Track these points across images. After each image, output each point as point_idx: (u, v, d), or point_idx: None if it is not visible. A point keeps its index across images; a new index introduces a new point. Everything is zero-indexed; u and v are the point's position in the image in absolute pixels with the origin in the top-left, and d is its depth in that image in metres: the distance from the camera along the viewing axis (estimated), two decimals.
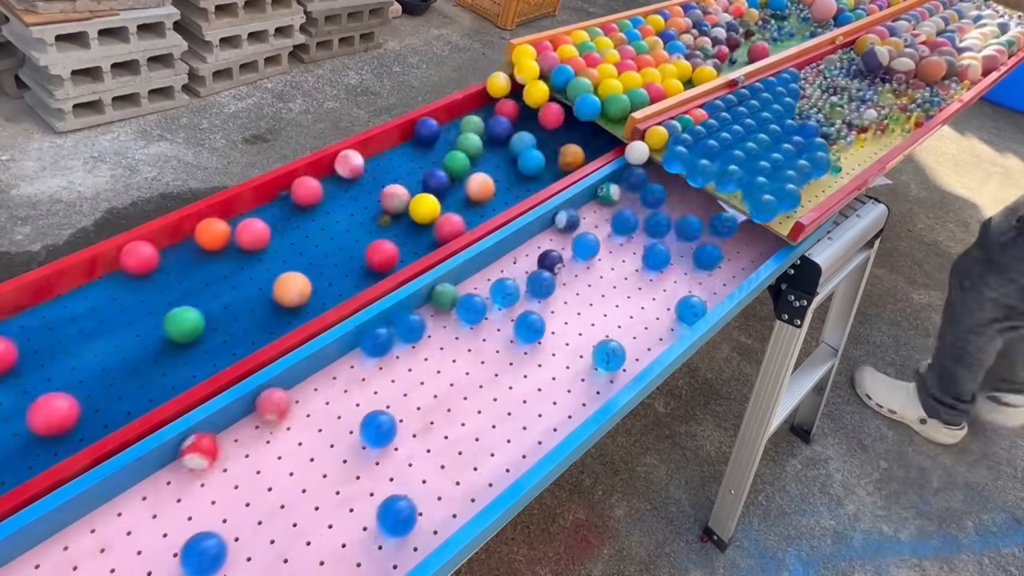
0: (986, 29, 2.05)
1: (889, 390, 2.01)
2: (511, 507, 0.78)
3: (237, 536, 0.74)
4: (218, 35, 2.46)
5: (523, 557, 1.49)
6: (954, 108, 1.61)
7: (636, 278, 1.14)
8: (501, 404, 0.92)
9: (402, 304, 0.98)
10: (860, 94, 1.60)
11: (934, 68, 1.68)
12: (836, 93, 1.61)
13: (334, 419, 0.86)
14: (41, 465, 0.76)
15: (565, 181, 1.25)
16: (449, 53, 3.27)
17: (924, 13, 2.15)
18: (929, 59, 1.69)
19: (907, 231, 2.83)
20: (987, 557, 1.71)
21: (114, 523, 0.74)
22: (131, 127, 2.35)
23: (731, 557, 1.58)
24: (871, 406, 2.02)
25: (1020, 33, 2.07)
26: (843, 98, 1.59)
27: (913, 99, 1.64)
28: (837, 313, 1.68)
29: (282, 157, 2.38)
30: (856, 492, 1.79)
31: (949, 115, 1.59)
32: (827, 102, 1.54)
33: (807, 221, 1.14)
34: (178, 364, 0.91)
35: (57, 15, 2.04)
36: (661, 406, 1.89)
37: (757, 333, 2.19)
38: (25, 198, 2.00)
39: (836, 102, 1.54)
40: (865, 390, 2.04)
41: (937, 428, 1.94)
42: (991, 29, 2.05)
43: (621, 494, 1.65)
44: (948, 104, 1.62)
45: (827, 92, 1.61)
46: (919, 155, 3.39)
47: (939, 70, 1.68)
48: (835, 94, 1.60)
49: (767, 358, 1.35)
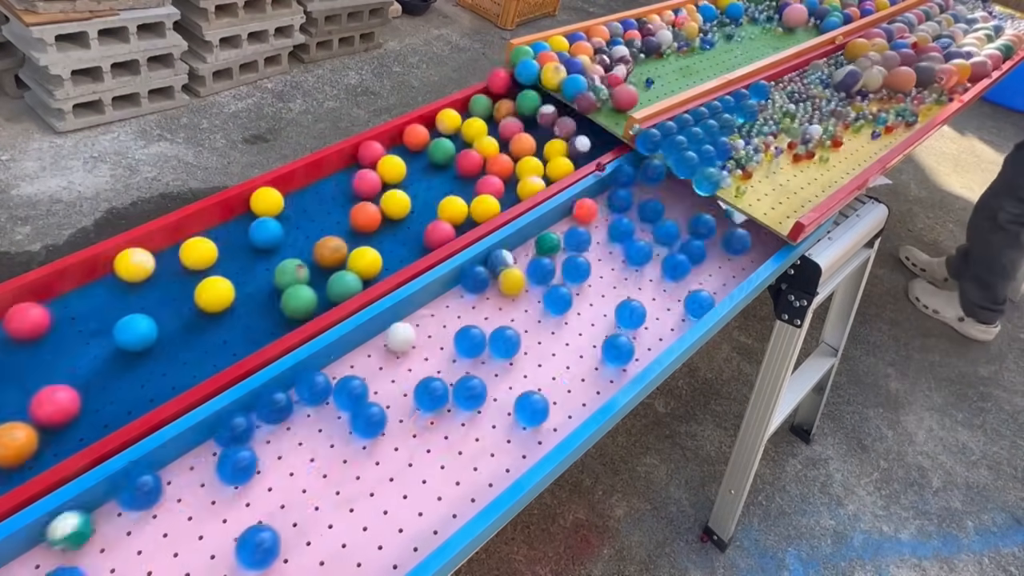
0: (980, 33, 2.01)
1: (934, 294, 2.44)
2: (511, 507, 0.78)
3: (237, 536, 0.74)
4: (218, 35, 2.46)
5: (523, 557, 1.49)
6: (954, 108, 1.61)
7: (636, 278, 1.14)
8: (501, 404, 0.92)
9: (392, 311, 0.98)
10: (830, 106, 1.54)
11: (903, 79, 1.61)
12: (806, 101, 1.53)
13: (334, 419, 0.86)
14: (41, 465, 0.76)
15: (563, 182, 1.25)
16: (449, 53, 3.27)
17: (920, 16, 2.13)
18: (897, 70, 1.62)
19: (907, 231, 2.83)
20: (987, 557, 1.71)
21: (114, 523, 0.74)
22: (131, 127, 2.35)
23: (731, 557, 1.58)
24: (919, 307, 2.45)
25: (1015, 35, 2.05)
26: (807, 109, 1.51)
27: (886, 109, 1.57)
28: (837, 313, 1.68)
29: (282, 157, 2.38)
30: (856, 492, 1.79)
31: (949, 115, 1.59)
32: (784, 113, 1.47)
33: (807, 221, 1.14)
34: (178, 364, 0.91)
35: (57, 15, 2.04)
36: (661, 406, 1.89)
37: (757, 333, 2.19)
38: (25, 198, 2.00)
39: (792, 111, 1.47)
40: (915, 294, 2.46)
41: (972, 325, 2.35)
42: (986, 33, 2.02)
43: (621, 494, 1.65)
44: (934, 113, 1.58)
45: (797, 101, 1.53)
46: (919, 155, 3.39)
47: (908, 81, 1.61)
48: (805, 100, 1.53)
49: (767, 358, 1.35)
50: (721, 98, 1.47)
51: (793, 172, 1.33)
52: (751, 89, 1.52)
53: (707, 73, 1.67)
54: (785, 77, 1.65)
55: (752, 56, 1.78)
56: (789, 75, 1.67)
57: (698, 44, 1.77)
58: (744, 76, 1.54)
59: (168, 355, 0.91)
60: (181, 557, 0.72)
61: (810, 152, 1.37)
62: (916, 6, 2.22)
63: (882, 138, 1.50)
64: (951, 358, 2.28)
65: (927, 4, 2.26)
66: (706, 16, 1.90)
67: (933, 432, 2.01)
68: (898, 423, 2.01)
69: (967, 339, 2.37)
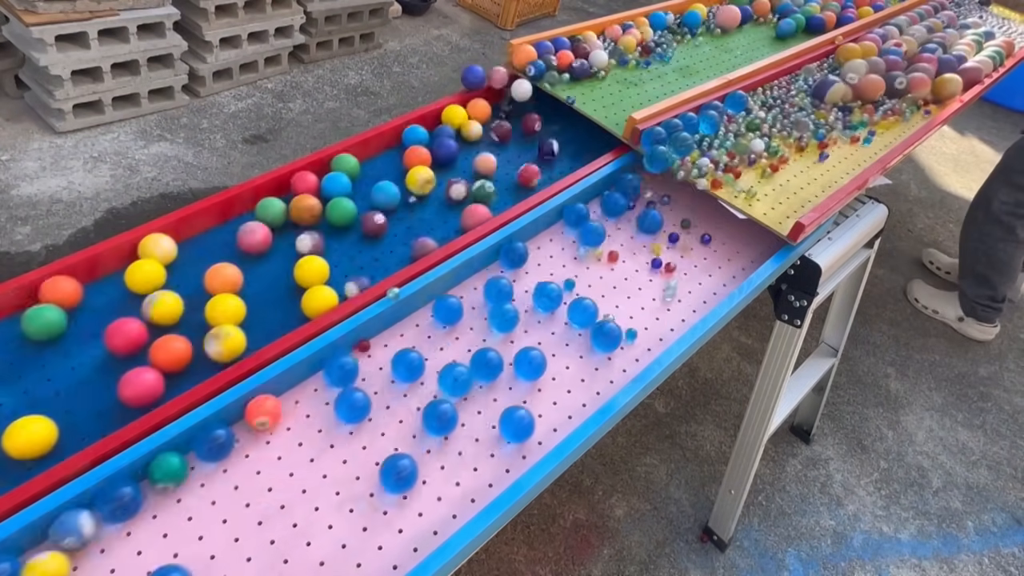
0: (969, 39, 1.93)
1: (934, 294, 2.43)
2: (511, 507, 0.78)
3: (237, 536, 0.74)
4: (218, 35, 2.46)
5: (523, 557, 1.49)
6: (954, 108, 1.61)
7: (636, 278, 1.14)
8: (501, 404, 0.92)
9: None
10: (800, 114, 1.47)
11: (872, 87, 1.54)
12: (774, 108, 1.48)
13: (334, 419, 0.86)
14: (41, 466, 0.76)
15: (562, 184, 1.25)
16: (449, 53, 3.27)
17: (915, 18, 2.07)
18: (867, 78, 1.55)
19: (907, 231, 2.83)
20: (987, 557, 1.71)
21: (114, 523, 0.74)
22: (131, 127, 2.35)
23: (731, 557, 1.58)
24: (918, 308, 2.44)
25: (1005, 42, 1.97)
26: (777, 117, 1.44)
27: (851, 123, 1.49)
28: (837, 313, 1.68)
29: (282, 157, 2.38)
30: (856, 492, 1.79)
31: (949, 115, 1.59)
32: (748, 125, 1.39)
33: (807, 221, 1.14)
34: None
35: (57, 15, 2.04)
36: (661, 406, 1.89)
37: (757, 333, 2.19)
38: (25, 198, 2.00)
39: (756, 122, 1.39)
40: (915, 294, 2.46)
41: (972, 325, 2.34)
42: (975, 38, 1.93)
43: (621, 494, 1.65)
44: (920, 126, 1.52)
45: (769, 108, 1.48)
46: (919, 155, 3.39)
47: (877, 88, 1.54)
48: (774, 108, 1.48)
49: (767, 358, 1.35)
50: (684, 115, 1.36)
51: (793, 172, 1.33)
52: (727, 100, 1.45)
53: (706, 74, 1.67)
54: (782, 79, 1.64)
55: (752, 56, 1.78)
56: (783, 78, 1.65)
57: (635, 61, 1.60)
58: (744, 76, 1.54)
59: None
60: (181, 557, 0.72)
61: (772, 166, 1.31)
62: (912, 8, 2.21)
63: (882, 138, 1.49)
64: (951, 358, 2.28)
65: (922, 7, 2.23)
66: (656, 25, 1.77)
67: (933, 432, 2.01)
68: (898, 423, 2.01)
69: (967, 339, 2.37)
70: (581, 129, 1.43)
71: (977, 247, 2.21)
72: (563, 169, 1.34)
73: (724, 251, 1.23)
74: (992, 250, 2.17)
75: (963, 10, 2.36)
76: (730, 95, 1.46)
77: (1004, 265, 2.18)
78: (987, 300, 2.26)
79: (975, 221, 2.21)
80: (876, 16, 2.05)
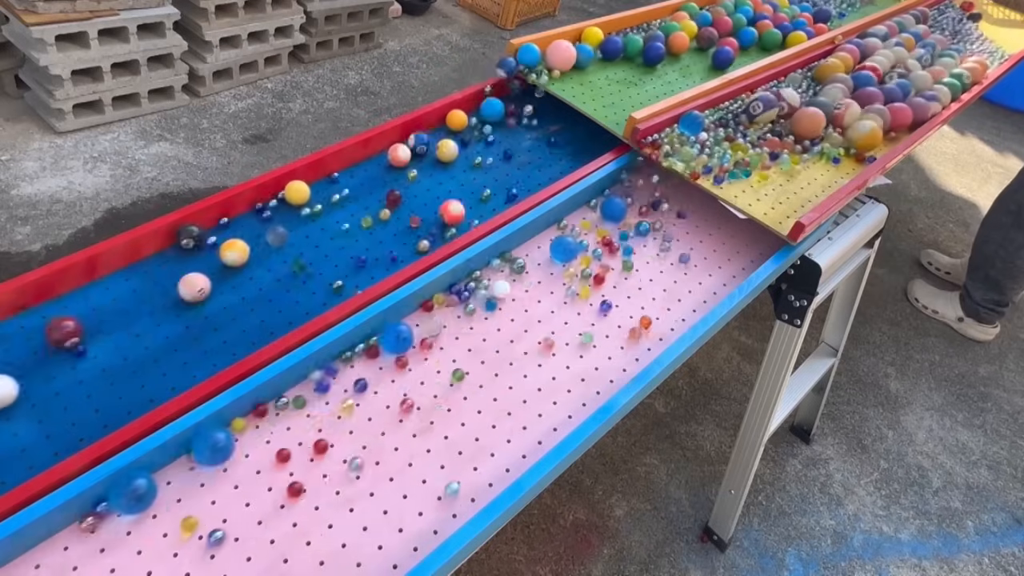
0: (937, 66, 1.77)
1: (933, 294, 2.42)
2: (511, 507, 0.78)
3: (237, 536, 0.74)
4: (218, 35, 2.46)
5: (523, 557, 1.49)
6: (953, 108, 1.61)
7: (635, 278, 1.14)
8: (501, 404, 0.92)
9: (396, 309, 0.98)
10: (732, 133, 1.38)
11: (809, 121, 1.38)
12: (721, 129, 1.38)
13: (334, 419, 0.87)
14: (41, 465, 0.76)
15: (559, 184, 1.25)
16: (449, 53, 3.27)
17: (893, 28, 1.95)
18: (802, 111, 1.40)
19: (907, 231, 2.83)
20: (987, 557, 1.71)
21: (114, 523, 0.74)
22: (131, 127, 2.35)
23: (731, 557, 1.58)
24: (918, 308, 2.43)
25: (977, 63, 1.82)
26: (719, 137, 1.35)
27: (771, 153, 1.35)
28: (837, 313, 1.68)
29: (282, 157, 2.38)
30: (856, 492, 1.79)
31: (949, 115, 1.59)
32: (685, 144, 1.30)
33: (807, 221, 1.14)
34: (178, 364, 0.91)
35: (57, 15, 2.04)
36: (661, 406, 1.89)
37: (757, 333, 2.19)
38: (25, 198, 2.00)
39: (690, 142, 1.31)
40: (915, 294, 2.45)
41: (972, 325, 2.33)
42: (946, 62, 1.81)
43: (621, 494, 1.65)
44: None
45: (725, 126, 1.40)
46: (919, 155, 3.39)
47: (814, 125, 1.39)
48: (728, 126, 1.39)
49: (767, 358, 1.35)
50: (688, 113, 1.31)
51: (792, 172, 1.33)
52: (681, 121, 1.34)
53: (706, 74, 1.67)
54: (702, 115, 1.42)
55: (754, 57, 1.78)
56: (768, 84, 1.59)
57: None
58: (745, 76, 1.54)
59: (168, 355, 0.91)
60: (181, 557, 0.72)
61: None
62: (902, 12, 2.11)
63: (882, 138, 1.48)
64: (951, 358, 2.28)
65: (902, 16, 2.07)
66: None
67: (933, 432, 2.01)
68: (898, 423, 2.01)
69: (967, 339, 2.37)
70: (581, 129, 1.43)
71: (996, 251, 2.17)
72: (563, 169, 1.34)
73: (724, 251, 1.23)
74: (1012, 256, 2.14)
75: (945, 19, 2.23)
76: (684, 116, 1.35)
77: (1021, 272, 2.16)
78: (992, 304, 2.26)
79: (1000, 226, 2.16)
80: (863, 22, 1.96)
